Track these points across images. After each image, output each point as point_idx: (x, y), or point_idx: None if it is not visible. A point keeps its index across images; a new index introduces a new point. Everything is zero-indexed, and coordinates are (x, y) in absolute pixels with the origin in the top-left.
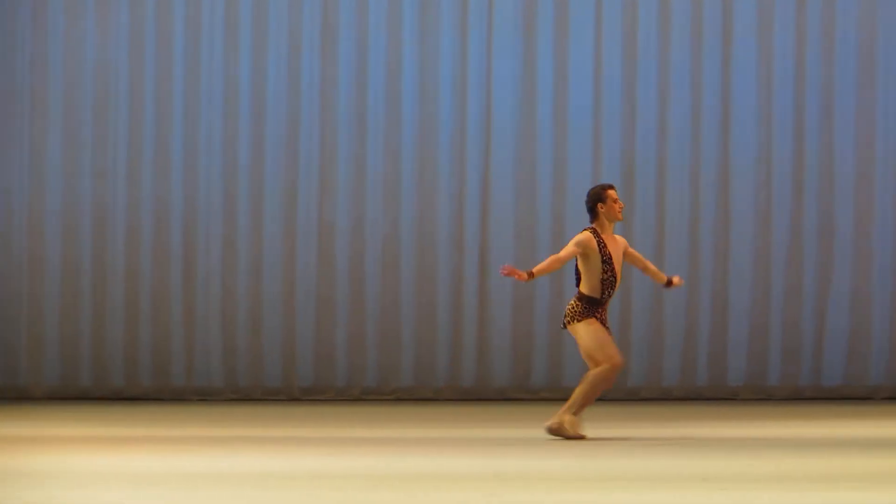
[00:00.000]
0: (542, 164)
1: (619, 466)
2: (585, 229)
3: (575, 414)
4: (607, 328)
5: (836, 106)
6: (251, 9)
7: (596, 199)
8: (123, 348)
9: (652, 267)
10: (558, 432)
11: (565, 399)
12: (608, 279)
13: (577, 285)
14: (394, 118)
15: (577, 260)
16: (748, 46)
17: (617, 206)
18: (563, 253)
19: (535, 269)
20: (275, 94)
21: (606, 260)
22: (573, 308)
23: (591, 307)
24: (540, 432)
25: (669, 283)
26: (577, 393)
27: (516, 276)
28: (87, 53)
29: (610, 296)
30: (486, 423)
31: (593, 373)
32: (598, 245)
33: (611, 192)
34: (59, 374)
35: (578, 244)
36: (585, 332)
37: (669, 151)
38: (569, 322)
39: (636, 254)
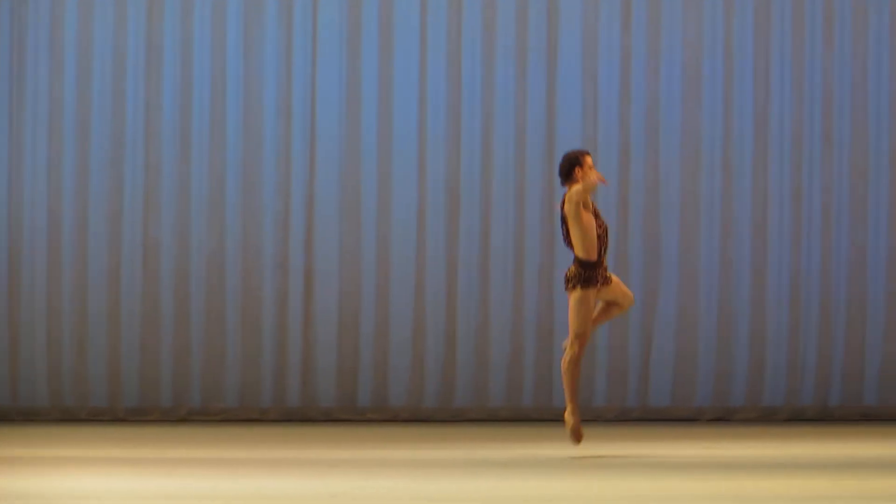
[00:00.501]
0: (366, 186)
1: (443, 488)
2: (565, 195)
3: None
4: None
5: (662, 126)
6: (75, 31)
7: (574, 163)
8: None
9: None
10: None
11: (392, 419)
12: (602, 236)
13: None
14: (219, 138)
15: (566, 227)
16: (573, 68)
17: (593, 172)
18: (584, 221)
19: (583, 257)
20: (99, 116)
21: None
22: (576, 274)
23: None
24: (366, 452)
25: None
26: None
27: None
28: None
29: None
30: (312, 444)
31: (565, 361)
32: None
33: (588, 158)
34: None
35: (577, 201)
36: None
37: (494, 173)
38: (573, 287)
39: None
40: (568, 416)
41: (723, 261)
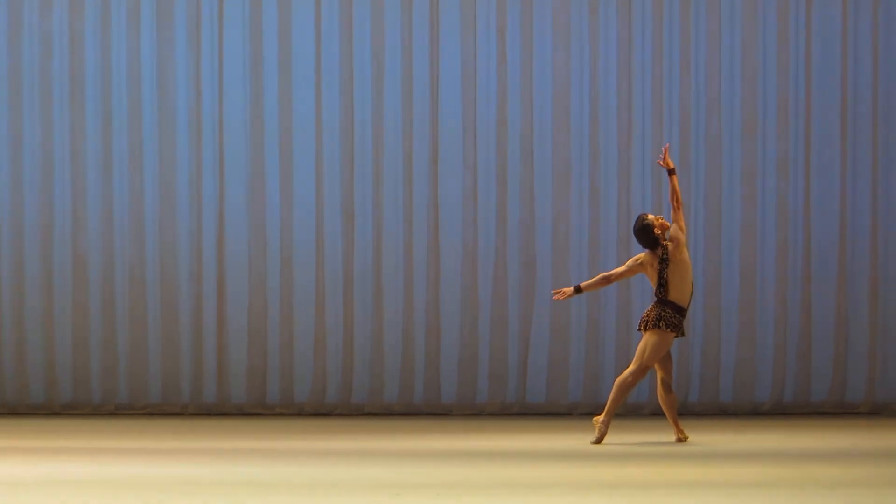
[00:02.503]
0: (270, 205)
1: (331, 474)
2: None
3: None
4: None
5: (536, 149)
6: (6, 57)
7: (649, 230)
8: None
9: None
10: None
11: (298, 414)
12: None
13: (663, 294)
14: (136, 159)
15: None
16: (454, 94)
17: (660, 220)
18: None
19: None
20: (30, 140)
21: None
22: (663, 316)
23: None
24: (272, 443)
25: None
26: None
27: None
28: None
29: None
30: (227, 436)
31: (625, 382)
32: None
33: (650, 217)
34: None
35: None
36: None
37: (384, 195)
38: (654, 327)
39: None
40: (601, 423)
41: (591, 274)
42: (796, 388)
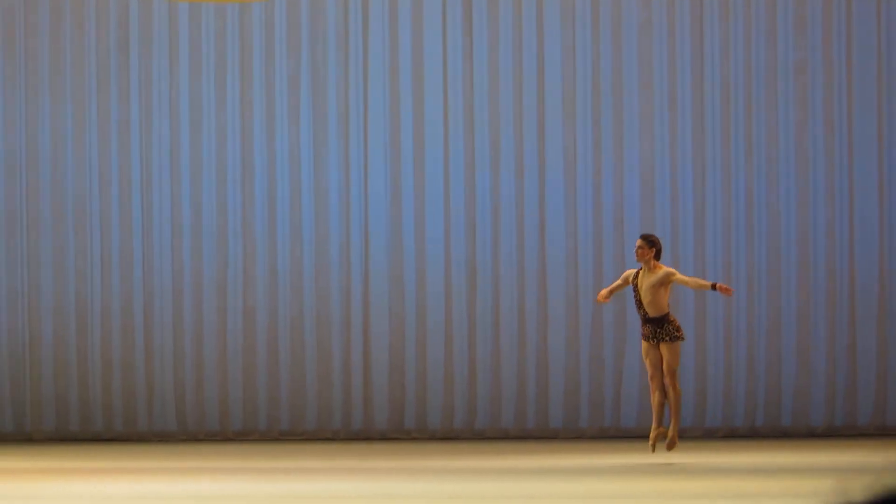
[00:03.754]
0: (408, 262)
1: (457, 489)
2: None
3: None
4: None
5: (626, 221)
6: (188, 147)
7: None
8: None
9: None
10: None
11: (431, 438)
12: (636, 303)
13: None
14: (296, 230)
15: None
16: (557, 175)
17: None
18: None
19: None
20: (208, 214)
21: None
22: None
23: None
24: (410, 462)
25: (714, 287)
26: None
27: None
28: None
29: (643, 317)
30: (370, 457)
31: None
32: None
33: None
34: None
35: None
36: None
37: (501, 251)
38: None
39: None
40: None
41: (688, 318)
42: (845, 412)
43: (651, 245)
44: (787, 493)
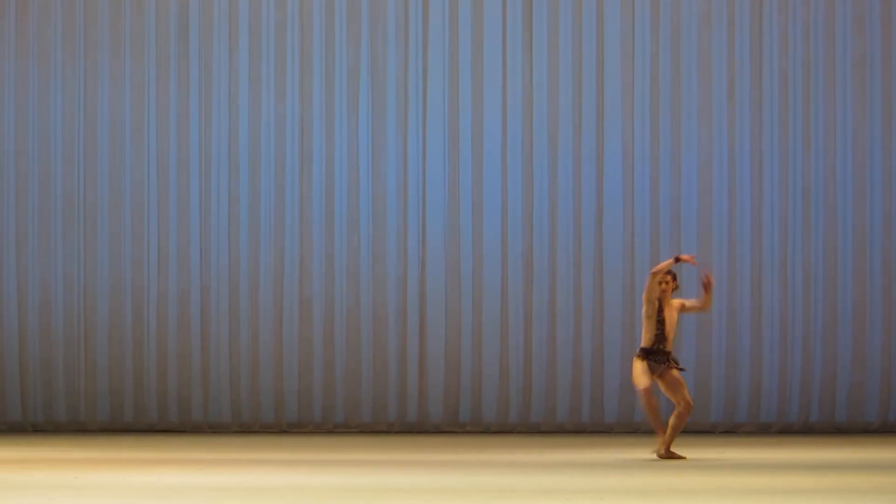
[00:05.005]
0: (465, 257)
1: (511, 482)
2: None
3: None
4: (664, 373)
5: (684, 214)
6: (248, 140)
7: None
8: None
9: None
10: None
11: (485, 431)
12: (659, 335)
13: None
14: (354, 222)
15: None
16: (616, 165)
17: (659, 287)
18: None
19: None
20: (266, 203)
21: (660, 320)
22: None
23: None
24: (464, 456)
25: (678, 259)
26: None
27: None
28: None
29: (661, 349)
30: (425, 450)
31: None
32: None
33: (657, 276)
34: None
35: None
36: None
37: (558, 245)
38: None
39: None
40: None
41: (708, 338)
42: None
43: (674, 279)
44: (840, 489)
